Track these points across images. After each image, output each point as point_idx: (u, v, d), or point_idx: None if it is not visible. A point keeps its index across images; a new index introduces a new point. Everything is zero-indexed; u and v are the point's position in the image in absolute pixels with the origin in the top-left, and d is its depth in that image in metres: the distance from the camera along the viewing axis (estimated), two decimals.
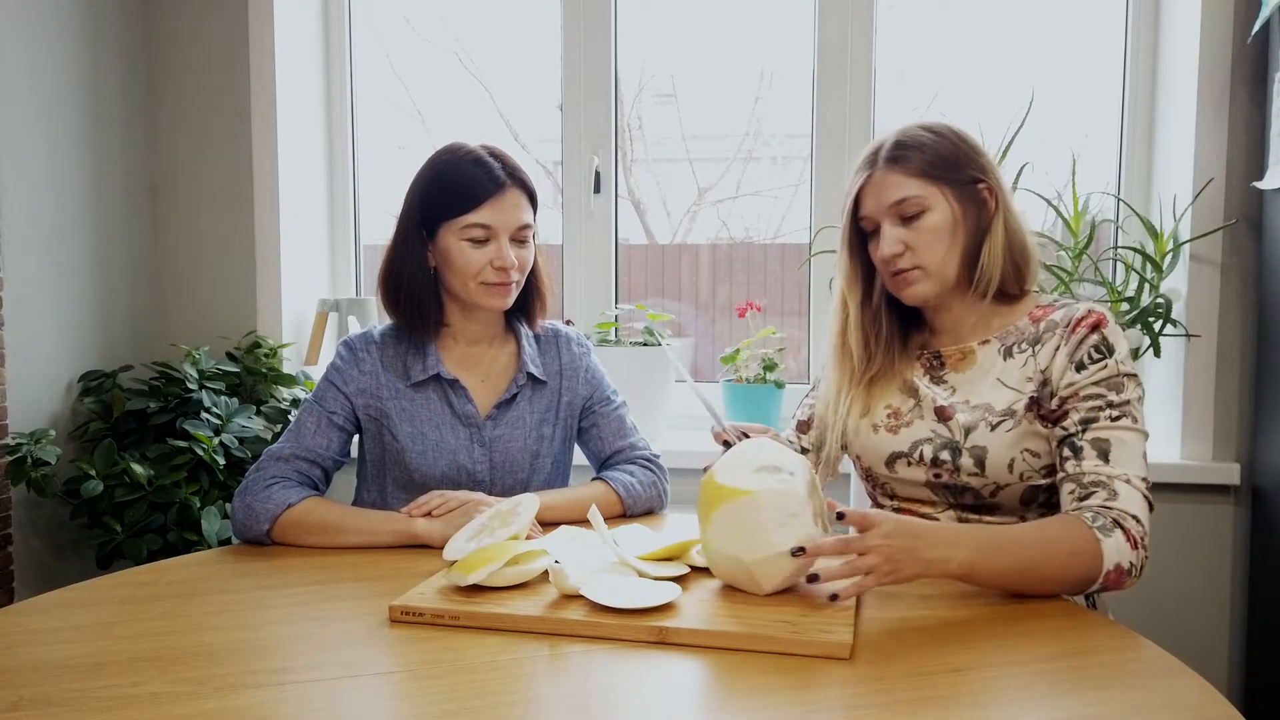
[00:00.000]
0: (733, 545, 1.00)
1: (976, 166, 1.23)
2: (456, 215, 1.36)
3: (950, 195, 1.21)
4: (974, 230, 1.23)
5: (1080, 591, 1.09)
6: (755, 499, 0.99)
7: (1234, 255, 1.86)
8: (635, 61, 2.27)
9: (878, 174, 1.23)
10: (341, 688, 0.82)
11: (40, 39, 1.93)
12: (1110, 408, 1.14)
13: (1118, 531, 1.08)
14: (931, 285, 1.23)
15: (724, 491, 1.01)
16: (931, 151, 1.21)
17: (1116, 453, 1.13)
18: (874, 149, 1.25)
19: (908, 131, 1.24)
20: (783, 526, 0.99)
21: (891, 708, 0.78)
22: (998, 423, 1.19)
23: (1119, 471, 1.12)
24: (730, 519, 1.00)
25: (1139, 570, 1.09)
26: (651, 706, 0.79)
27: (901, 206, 1.21)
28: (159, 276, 2.26)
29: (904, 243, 1.22)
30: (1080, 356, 1.17)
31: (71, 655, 0.90)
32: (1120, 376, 1.16)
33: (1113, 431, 1.14)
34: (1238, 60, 1.83)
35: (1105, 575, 1.07)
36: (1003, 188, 1.24)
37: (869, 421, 1.30)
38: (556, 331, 1.55)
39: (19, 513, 1.89)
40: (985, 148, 1.26)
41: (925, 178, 1.21)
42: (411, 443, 1.40)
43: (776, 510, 0.99)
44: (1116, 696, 0.80)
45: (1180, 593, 1.93)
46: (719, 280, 2.35)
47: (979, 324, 1.28)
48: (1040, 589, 1.07)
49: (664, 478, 1.50)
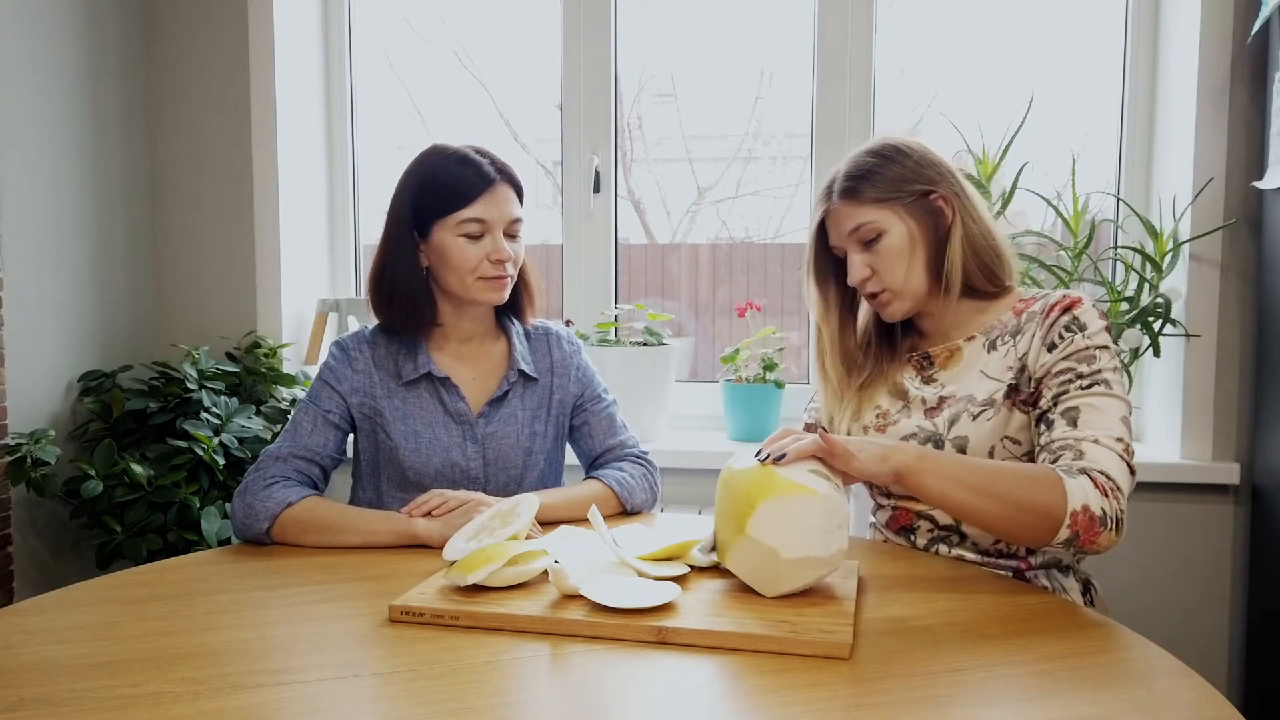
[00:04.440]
0: (774, 538, 0.98)
1: (924, 180, 1.26)
2: (451, 212, 1.37)
3: (904, 214, 1.26)
4: (934, 240, 1.27)
5: (1046, 532, 1.07)
6: (816, 500, 0.98)
7: (1234, 255, 1.86)
8: (635, 61, 2.27)
9: (834, 207, 1.29)
10: (341, 688, 0.82)
11: (40, 39, 1.93)
12: (1080, 378, 1.15)
13: (1083, 477, 1.08)
14: (904, 302, 1.28)
15: (783, 484, 0.99)
16: (879, 176, 1.26)
17: (1086, 417, 1.13)
18: (829, 182, 1.30)
19: (856, 161, 1.29)
20: (827, 534, 0.98)
21: (891, 708, 0.78)
22: (979, 412, 1.21)
23: (1086, 434, 1.12)
24: (782, 511, 0.98)
25: (1115, 524, 1.07)
26: (651, 706, 0.79)
27: (859, 233, 1.27)
28: (159, 276, 2.27)
29: (870, 266, 1.27)
30: (1051, 337, 1.19)
31: (71, 655, 0.90)
32: (1091, 349, 1.17)
33: (1082, 398, 1.14)
34: (1237, 60, 1.83)
35: (1072, 516, 1.06)
36: (959, 193, 1.27)
37: (859, 424, 1.33)
38: (547, 329, 1.56)
39: (19, 513, 1.89)
40: (939, 157, 1.29)
41: (877, 203, 1.26)
42: (405, 441, 1.41)
43: (829, 516, 0.99)
44: (1116, 696, 0.80)
45: (1180, 593, 1.93)
46: (719, 280, 2.35)
47: (962, 322, 1.31)
48: (997, 509, 1.06)
49: (656, 475, 1.51)
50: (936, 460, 1.08)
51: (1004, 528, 1.09)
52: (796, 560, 0.98)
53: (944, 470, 1.08)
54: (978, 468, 1.09)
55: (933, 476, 1.07)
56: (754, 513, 0.99)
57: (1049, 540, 1.08)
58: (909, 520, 1.30)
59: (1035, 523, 1.07)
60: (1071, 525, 1.06)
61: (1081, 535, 1.07)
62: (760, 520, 0.99)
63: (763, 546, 0.98)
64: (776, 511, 0.98)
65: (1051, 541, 1.08)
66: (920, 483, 1.07)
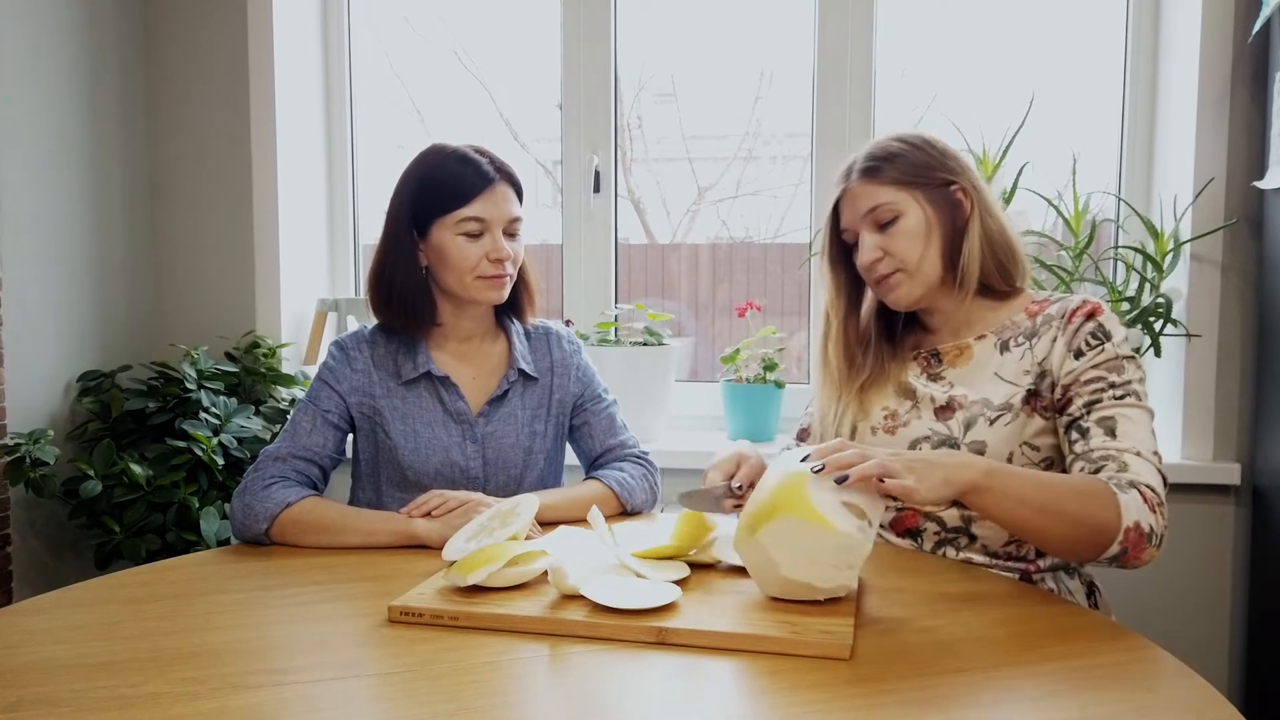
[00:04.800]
0: (779, 553, 0.97)
1: (947, 169, 1.26)
2: (450, 211, 1.37)
3: (923, 199, 1.25)
4: (950, 230, 1.26)
5: (1098, 549, 1.05)
6: (832, 537, 0.95)
7: (1234, 255, 1.86)
8: (635, 61, 2.27)
9: (852, 187, 1.27)
10: (341, 688, 0.82)
11: (40, 39, 1.93)
12: (1113, 388, 1.15)
13: (1133, 491, 1.07)
14: (914, 287, 1.26)
15: (806, 509, 0.96)
16: (901, 160, 1.25)
17: (1123, 428, 1.13)
18: (848, 164, 1.29)
19: (879, 143, 1.28)
20: (835, 570, 0.96)
21: (892, 708, 0.78)
22: (996, 417, 1.20)
23: (1128, 445, 1.11)
24: (795, 534, 0.96)
25: (1159, 539, 1.06)
26: (651, 707, 0.78)
27: (876, 213, 1.25)
28: (158, 276, 2.26)
29: (881, 248, 1.25)
30: (1078, 344, 1.18)
31: (71, 655, 0.90)
32: (1119, 359, 1.16)
33: (1118, 409, 1.14)
34: (1238, 60, 1.83)
35: (1125, 533, 1.04)
36: (978, 188, 1.27)
37: (867, 425, 1.31)
38: (547, 329, 1.56)
39: (18, 513, 1.89)
40: (959, 152, 1.29)
41: (897, 185, 1.25)
42: (404, 440, 1.41)
43: (841, 555, 0.96)
44: (1116, 697, 0.80)
45: (1181, 593, 1.93)
46: (719, 280, 2.35)
47: (973, 320, 1.30)
48: (1056, 527, 1.03)
49: (656, 475, 1.51)
50: (1003, 477, 1.03)
51: (1059, 545, 1.07)
52: (794, 581, 0.98)
53: (1009, 489, 1.03)
54: (1039, 484, 1.05)
55: (998, 496, 1.02)
56: (770, 522, 0.97)
57: (1098, 556, 1.06)
58: (915, 523, 1.29)
59: (1090, 538, 1.05)
60: (1123, 541, 1.05)
61: (1129, 551, 1.06)
62: (773, 531, 0.97)
63: (767, 555, 0.98)
64: (791, 532, 0.96)
65: (1100, 557, 1.07)
66: (984, 501, 1.03)
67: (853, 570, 0.97)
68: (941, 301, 1.29)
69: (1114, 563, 1.07)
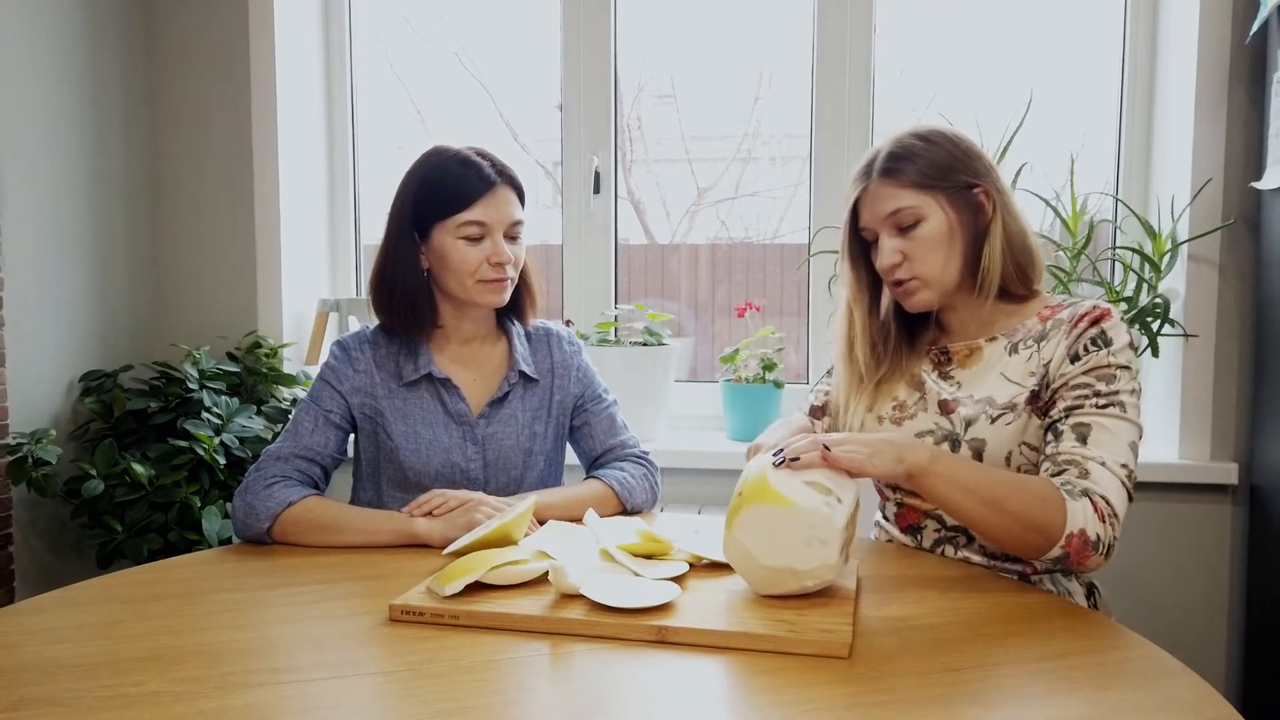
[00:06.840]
0: (753, 543, 0.99)
1: (971, 171, 1.23)
2: (451, 214, 1.37)
3: (945, 203, 1.22)
4: (972, 234, 1.24)
5: (1039, 549, 1.08)
6: (793, 513, 0.98)
7: (1232, 255, 1.87)
8: (635, 61, 2.27)
9: (873, 186, 1.24)
10: (341, 687, 0.82)
11: (40, 39, 1.93)
12: (1097, 396, 1.14)
13: (1085, 500, 1.08)
14: (932, 293, 1.25)
15: (769, 493, 1.00)
16: (924, 160, 1.22)
17: (1096, 436, 1.12)
18: (869, 159, 1.26)
19: (901, 141, 1.24)
20: (807, 547, 0.98)
21: (891, 707, 0.78)
22: (998, 416, 1.20)
23: (1095, 454, 1.11)
24: (762, 520, 0.99)
25: (1106, 549, 1.08)
26: (651, 706, 0.79)
27: (897, 217, 1.22)
28: (159, 276, 2.27)
29: (902, 252, 1.23)
30: (1076, 348, 1.17)
31: (72, 655, 0.90)
32: (1112, 368, 1.15)
33: (1095, 418, 1.13)
34: (1236, 60, 1.83)
35: (1067, 539, 1.06)
36: (1000, 190, 1.24)
37: (874, 414, 1.32)
38: (548, 330, 1.56)
39: (19, 512, 1.90)
40: (982, 150, 1.26)
41: (919, 188, 1.21)
42: (405, 441, 1.41)
43: (809, 530, 0.98)
44: (1116, 696, 0.81)
45: (1178, 593, 1.94)
46: (718, 280, 2.36)
47: (986, 323, 1.29)
48: (997, 520, 1.07)
49: (656, 475, 1.51)
50: (948, 463, 1.08)
51: (1000, 538, 1.10)
52: (774, 568, 0.99)
53: (953, 475, 1.08)
54: (986, 477, 1.09)
55: (941, 480, 1.07)
56: (739, 515, 1.01)
57: (1039, 556, 1.09)
58: (915, 519, 1.30)
59: (1031, 538, 1.08)
60: (1065, 546, 1.07)
61: (1072, 556, 1.07)
62: (744, 523, 1.00)
63: (744, 548, 1.00)
64: (758, 519, 1.00)
65: (1042, 557, 1.09)
66: (929, 484, 1.08)
67: (827, 547, 0.98)
68: (958, 303, 1.28)
69: (1057, 565, 1.10)
